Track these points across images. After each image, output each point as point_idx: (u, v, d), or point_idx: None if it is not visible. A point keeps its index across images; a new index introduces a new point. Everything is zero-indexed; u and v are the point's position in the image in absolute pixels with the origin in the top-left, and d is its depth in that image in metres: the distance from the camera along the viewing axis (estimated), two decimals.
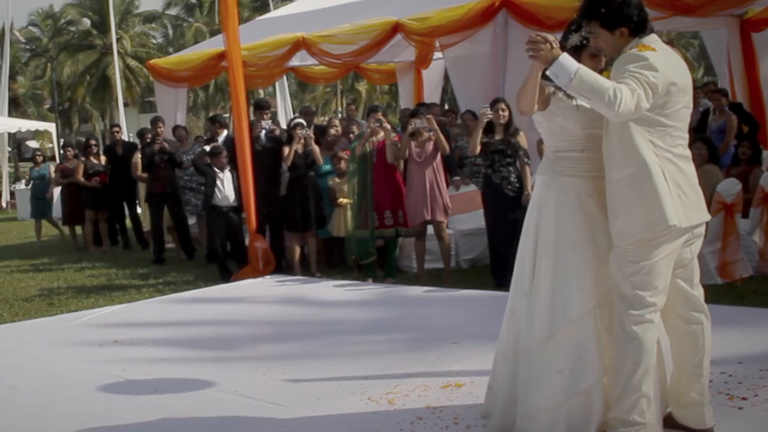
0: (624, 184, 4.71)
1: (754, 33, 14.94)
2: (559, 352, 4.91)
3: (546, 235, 5.00)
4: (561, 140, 5.02)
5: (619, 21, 4.76)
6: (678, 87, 4.68)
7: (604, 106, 4.50)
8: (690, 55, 72.72)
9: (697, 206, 4.82)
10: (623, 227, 4.72)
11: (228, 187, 12.26)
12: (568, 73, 4.51)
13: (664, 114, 4.65)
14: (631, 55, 4.66)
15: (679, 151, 4.73)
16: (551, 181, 5.04)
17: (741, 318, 7.77)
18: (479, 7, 11.80)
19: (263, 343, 8.29)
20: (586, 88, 4.50)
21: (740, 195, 9.81)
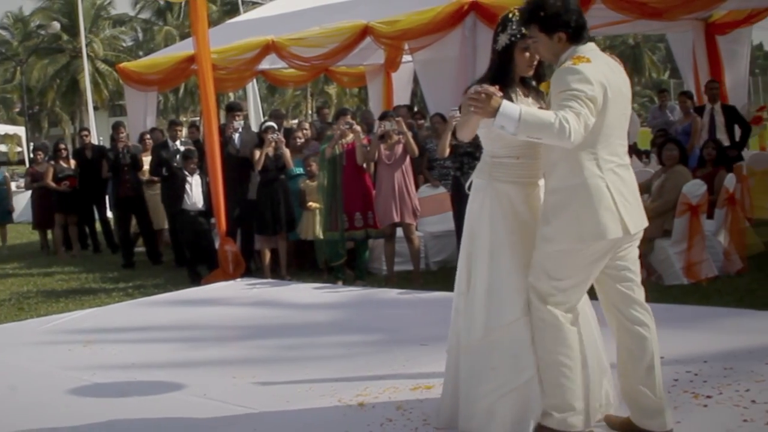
0: (561, 195, 4.81)
1: (718, 36, 15.13)
2: (494, 351, 5.04)
3: (481, 238, 5.12)
4: (499, 147, 5.10)
5: (558, 26, 4.83)
6: (614, 95, 4.77)
7: (556, 140, 4.57)
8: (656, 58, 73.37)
9: (639, 212, 4.95)
10: (554, 234, 4.83)
11: (196, 191, 12.28)
12: (513, 121, 4.55)
13: (605, 123, 4.72)
14: (566, 70, 4.71)
15: (620, 160, 4.84)
16: (487, 186, 5.14)
17: (706, 317, 7.87)
18: (448, 10, 11.84)
19: (233, 346, 8.29)
20: (533, 130, 4.58)
21: (705, 196, 9.92)
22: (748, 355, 6.49)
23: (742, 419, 5.17)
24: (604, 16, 11.55)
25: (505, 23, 5.12)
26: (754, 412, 5.26)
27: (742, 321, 7.65)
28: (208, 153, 12.01)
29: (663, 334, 7.24)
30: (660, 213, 9.99)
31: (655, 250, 10.01)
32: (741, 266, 10.18)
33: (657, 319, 7.82)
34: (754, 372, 6.05)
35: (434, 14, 11.92)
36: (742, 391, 5.66)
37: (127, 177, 14.21)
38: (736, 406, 5.41)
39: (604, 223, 4.73)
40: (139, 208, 14.34)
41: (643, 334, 5.08)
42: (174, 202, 12.65)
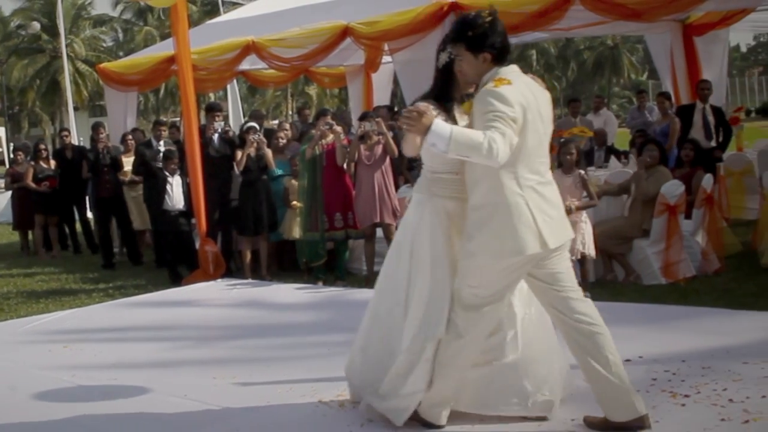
0: (483, 212, 5.03)
1: (696, 37, 15.21)
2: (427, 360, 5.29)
3: (421, 251, 5.35)
4: (438, 163, 5.31)
5: (484, 46, 5.05)
6: (533, 116, 4.99)
7: (484, 160, 4.77)
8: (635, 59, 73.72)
9: (562, 225, 5.18)
10: (476, 250, 5.05)
11: (177, 191, 12.27)
12: (444, 140, 4.77)
13: (525, 143, 4.93)
14: (489, 92, 4.91)
15: (540, 178, 5.06)
16: (427, 200, 5.38)
17: (684, 317, 7.93)
18: (428, 11, 11.86)
19: (214, 347, 8.27)
20: (463, 150, 4.79)
21: (683, 196, 9.99)
22: (726, 355, 6.54)
23: (720, 418, 5.21)
24: (583, 17, 11.61)
25: (445, 42, 5.33)
26: (731, 411, 5.31)
27: (719, 320, 7.71)
28: (189, 153, 12.00)
29: (641, 333, 7.37)
30: (639, 199, 10.06)
31: (633, 250, 10.06)
32: (718, 266, 10.26)
33: (636, 318, 7.97)
34: (731, 371, 6.09)
35: (414, 15, 11.93)
36: (720, 390, 5.70)
37: (107, 177, 14.19)
38: (713, 405, 5.45)
39: (524, 239, 4.93)
40: (118, 209, 14.32)
41: (590, 330, 5.18)
42: (154, 202, 12.64)
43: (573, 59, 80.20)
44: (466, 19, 5.17)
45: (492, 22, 5.06)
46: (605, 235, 10.19)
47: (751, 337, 7.08)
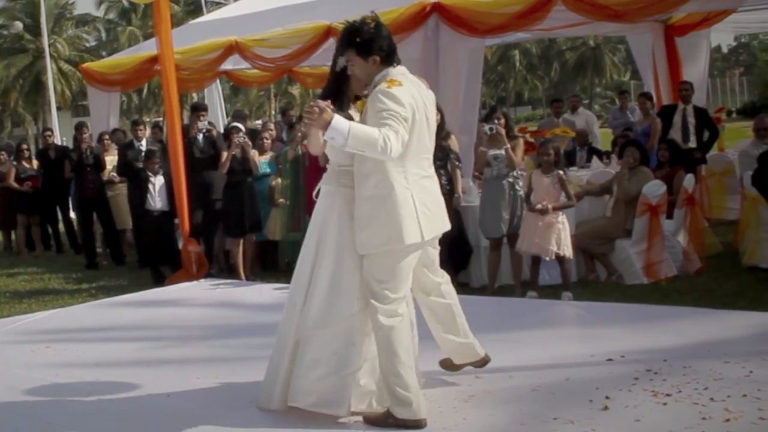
0: (373, 203, 5.43)
1: (677, 37, 15.28)
2: (334, 340, 5.58)
3: (328, 237, 5.65)
4: (344, 157, 5.59)
5: (372, 50, 5.46)
6: (421, 115, 5.45)
7: (378, 155, 5.20)
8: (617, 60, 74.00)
9: (439, 217, 5.69)
10: (367, 239, 5.46)
11: (159, 191, 12.26)
12: (342, 135, 5.15)
13: (412, 139, 5.38)
14: (382, 92, 5.30)
15: (424, 172, 5.55)
16: (336, 191, 5.72)
17: (666, 316, 7.95)
18: (410, 11, 11.86)
19: (197, 347, 8.26)
20: (360, 145, 5.19)
21: (665, 196, 10.05)
22: (707, 354, 6.57)
23: (701, 417, 5.24)
24: (565, 18, 11.63)
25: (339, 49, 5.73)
26: (712, 410, 5.34)
27: (701, 320, 7.73)
28: (172, 153, 12.00)
29: (623, 333, 7.42)
30: (620, 198, 10.11)
31: (615, 250, 10.12)
32: (700, 266, 10.33)
33: (618, 318, 8.03)
34: (712, 370, 6.12)
35: (397, 15, 11.92)
36: (701, 390, 5.73)
37: (90, 177, 14.16)
38: (695, 404, 5.48)
39: (407, 229, 5.38)
40: (101, 209, 14.30)
41: (448, 303, 6.09)
42: (137, 202, 12.64)
43: (555, 59, 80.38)
44: (353, 27, 5.55)
45: (377, 27, 5.51)
46: (587, 235, 10.24)
47: (732, 336, 7.11)
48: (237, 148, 11.59)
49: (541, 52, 79.08)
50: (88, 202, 14.23)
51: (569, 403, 5.67)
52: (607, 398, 5.68)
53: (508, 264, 10.11)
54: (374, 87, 5.43)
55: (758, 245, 10.31)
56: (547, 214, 9.26)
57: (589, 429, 5.20)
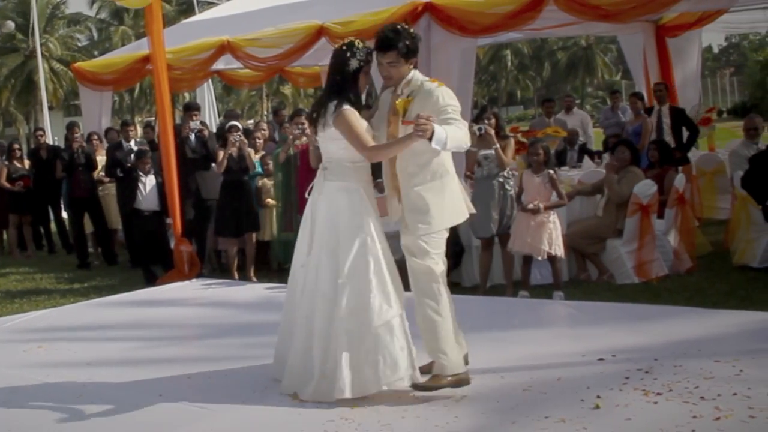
0: (436, 188, 6.00)
1: (668, 38, 15.33)
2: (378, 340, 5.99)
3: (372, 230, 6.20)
4: (358, 155, 6.10)
5: (415, 54, 6.04)
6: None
7: (463, 148, 6.04)
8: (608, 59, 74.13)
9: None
10: (434, 221, 6.01)
11: (151, 191, 12.26)
12: (443, 141, 5.59)
13: None
14: (439, 90, 5.95)
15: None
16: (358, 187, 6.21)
17: (657, 316, 7.98)
18: (402, 11, 11.85)
19: (188, 346, 8.27)
20: (455, 144, 5.73)
21: (656, 196, 10.08)
22: (698, 353, 6.60)
23: (692, 415, 5.26)
24: (557, 18, 11.64)
25: (353, 49, 6.12)
26: (702, 408, 5.36)
27: (691, 319, 7.76)
28: (163, 153, 12.01)
29: (614, 332, 7.45)
30: (613, 201, 10.13)
31: (606, 249, 10.14)
32: (690, 265, 10.36)
33: (609, 317, 8.07)
34: (703, 369, 6.15)
35: (389, 15, 11.91)
36: (692, 388, 5.76)
37: (81, 177, 14.13)
38: (685, 402, 5.51)
39: (464, 207, 6.21)
40: (93, 208, 14.29)
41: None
42: (128, 202, 12.63)
43: (547, 59, 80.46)
44: (399, 31, 5.98)
45: (415, 34, 6.10)
46: (579, 234, 10.26)
47: (722, 335, 7.15)
48: (234, 147, 11.59)
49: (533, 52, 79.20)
50: (80, 202, 14.22)
51: (560, 402, 5.69)
52: (599, 397, 5.69)
53: (499, 263, 10.12)
54: (407, 86, 6.01)
55: (749, 245, 10.36)
56: (539, 214, 9.28)
57: (580, 428, 5.21)
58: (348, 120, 6.00)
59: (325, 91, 6.29)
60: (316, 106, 6.38)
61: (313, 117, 6.30)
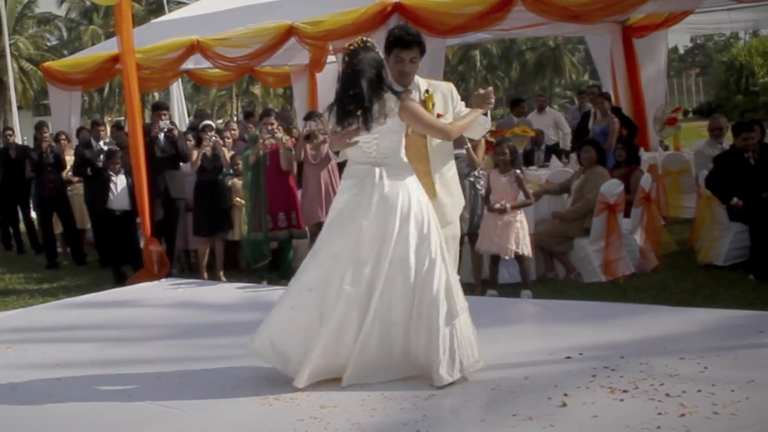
0: (455, 176, 6.89)
1: (635, 39, 15.45)
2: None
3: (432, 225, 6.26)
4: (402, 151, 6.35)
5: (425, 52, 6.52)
6: None
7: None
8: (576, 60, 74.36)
9: None
10: (457, 206, 6.88)
11: (121, 191, 12.23)
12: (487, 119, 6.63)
13: None
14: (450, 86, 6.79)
15: None
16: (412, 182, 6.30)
17: (623, 314, 8.02)
18: (372, 11, 11.90)
19: (158, 346, 8.21)
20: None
21: (622, 195, 10.16)
22: (663, 350, 6.64)
23: (657, 412, 5.29)
24: (525, 18, 11.73)
25: (369, 43, 6.26)
26: (668, 405, 5.40)
27: (657, 317, 7.81)
28: (133, 153, 11.98)
29: (581, 330, 7.48)
30: (582, 213, 10.20)
31: (574, 248, 10.21)
32: (656, 263, 10.45)
33: (576, 315, 8.12)
34: (668, 366, 6.19)
35: (358, 15, 11.96)
36: (657, 386, 5.80)
37: (50, 177, 14.07)
38: (651, 399, 5.55)
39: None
40: (62, 209, 14.23)
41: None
42: (98, 202, 12.59)
43: (515, 60, 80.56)
44: (418, 32, 6.54)
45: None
46: (546, 233, 10.33)
47: (687, 333, 7.21)
48: (208, 146, 11.60)
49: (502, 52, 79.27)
50: (49, 202, 14.16)
51: (528, 400, 5.71)
52: (566, 395, 5.72)
53: (468, 263, 10.17)
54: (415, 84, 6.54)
55: (713, 243, 10.46)
56: (506, 214, 9.33)
57: (547, 425, 5.24)
58: (415, 108, 6.19)
59: (365, 88, 6.10)
60: (356, 103, 6.12)
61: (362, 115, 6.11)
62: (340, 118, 6.19)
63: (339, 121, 6.21)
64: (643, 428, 5.09)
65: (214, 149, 11.66)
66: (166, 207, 12.30)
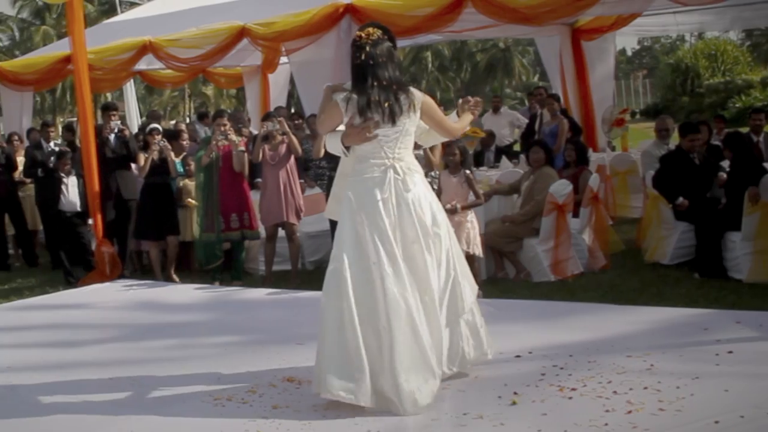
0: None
1: (584, 41, 15.61)
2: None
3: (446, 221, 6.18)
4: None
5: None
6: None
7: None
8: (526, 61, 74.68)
9: None
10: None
11: (73, 192, 12.17)
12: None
13: None
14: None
15: None
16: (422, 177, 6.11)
17: (572, 313, 8.14)
18: (324, 12, 11.94)
19: (110, 348, 8.20)
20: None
21: (571, 195, 10.23)
22: (611, 348, 6.74)
23: (605, 410, 5.39)
24: (476, 20, 11.82)
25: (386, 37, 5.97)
26: (615, 403, 5.50)
27: (605, 315, 7.93)
28: (84, 154, 11.92)
29: (531, 329, 7.57)
30: (532, 215, 10.28)
31: (524, 248, 10.28)
32: (604, 263, 10.54)
33: (525, 315, 8.21)
34: (615, 364, 6.29)
35: (310, 16, 12.00)
36: (605, 383, 5.90)
37: (2, 178, 13.90)
38: (599, 397, 5.64)
39: None
40: (13, 210, 14.10)
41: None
42: (49, 203, 12.51)
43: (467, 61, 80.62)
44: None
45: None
46: (496, 233, 10.40)
47: (634, 330, 7.32)
48: (155, 151, 11.57)
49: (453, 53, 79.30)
50: (0, 203, 14.03)
51: (478, 398, 5.80)
52: (515, 394, 5.80)
53: None
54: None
55: (659, 242, 10.60)
56: (457, 214, 9.38)
57: (497, 423, 5.31)
58: (434, 104, 6.06)
59: (394, 79, 5.87)
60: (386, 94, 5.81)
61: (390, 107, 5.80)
62: (363, 110, 5.79)
63: (362, 113, 5.80)
64: (591, 425, 5.16)
65: (161, 153, 11.61)
66: (118, 208, 12.24)
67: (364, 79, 5.82)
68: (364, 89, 5.81)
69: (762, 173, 9.61)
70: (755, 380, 5.78)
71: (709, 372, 6.00)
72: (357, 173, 5.94)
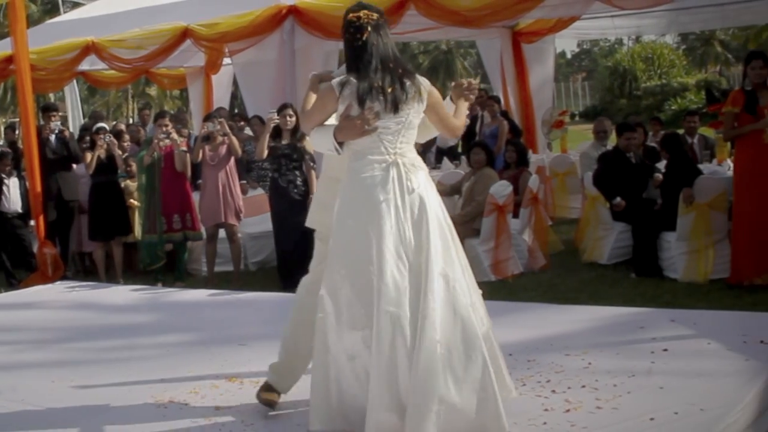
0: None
1: (524, 43, 15.76)
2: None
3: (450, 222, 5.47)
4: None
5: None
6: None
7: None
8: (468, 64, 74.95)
9: None
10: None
11: (14, 193, 12.08)
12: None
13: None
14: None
15: None
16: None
17: (512, 312, 8.09)
18: (267, 14, 11.94)
19: (52, 350, 8.14)
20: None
21: (511, 196, 10.32)
22: (549, 347, 6.80)
23: (543, 409, 5.44)
24: (418, 23, 11.89)
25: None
26: (553, 402, 5.55)
27: (545, 314, 7.99)
28: (26, 155, 11.86)
29: None
30: (473, 216, 10.37)
31: (465, 248, 10.35)
32: (544, 263, 10.68)
33: None
34: (554, 363, 6.35)
35: (253, 17, 12.00)
36: (544, 382, 5.95)
37: None
38: (538, 396, 5.69)
39: None
40: None
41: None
42: None
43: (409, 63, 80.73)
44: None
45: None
46: None
47: (572, 329, 7.38)
48: (102, 149, 11.53)
49: None
50: None
51: None
52: None
53: None
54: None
55: (597, 242, 10.77)
56: None
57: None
58: (440, 96, 5.28)
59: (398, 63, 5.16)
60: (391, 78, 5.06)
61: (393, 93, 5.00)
62: (363, 96, 4.97)
63: (361, 100, 4.97)
64: (530, 424, 5.21)
65: (108, 151, 11.58)
66: (60, 209, 12.18)
67: (368, 62, 5.04)
68: (366, 73, 5.03)
69: (696, 174, 9.80)
70: (689, 378, 5.84)
71: (645, 370, 6.06)
72: (353, 172, 5.07)
